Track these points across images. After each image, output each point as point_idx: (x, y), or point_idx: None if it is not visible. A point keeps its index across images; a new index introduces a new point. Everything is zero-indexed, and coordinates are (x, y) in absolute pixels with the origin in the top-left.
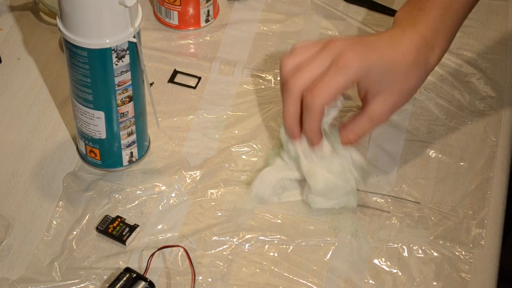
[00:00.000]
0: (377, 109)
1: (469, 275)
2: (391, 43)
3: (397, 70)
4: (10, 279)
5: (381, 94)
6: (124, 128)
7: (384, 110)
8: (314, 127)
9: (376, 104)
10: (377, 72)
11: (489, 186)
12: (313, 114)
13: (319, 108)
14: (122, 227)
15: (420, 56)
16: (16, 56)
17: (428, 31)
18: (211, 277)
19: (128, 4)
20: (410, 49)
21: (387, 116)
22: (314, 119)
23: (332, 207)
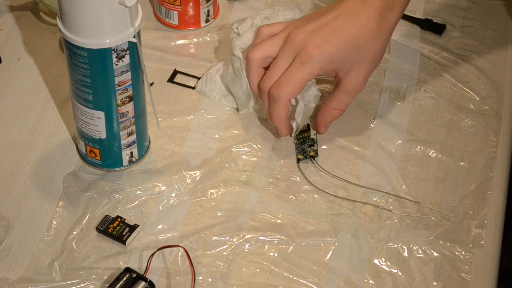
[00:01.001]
0: (352, 83)
1: (469, 275)
2: (350, 16)
3: (361, 43)
4: (10, 279)
5: (352, 69)
6: (124, 128)
7: (358, 81)
8: (281, 118)
9: (349, 79)
10: (340, 54)
11: (489, 186)
12: (279, 107)
13: (284, 101)
14: (122, 227)
15: (381, 20)
16: (16, 56)
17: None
18: (211, 277)
19: (128, 4)
20: (371, 16)
21: (363, 85)
22: (281, 111)
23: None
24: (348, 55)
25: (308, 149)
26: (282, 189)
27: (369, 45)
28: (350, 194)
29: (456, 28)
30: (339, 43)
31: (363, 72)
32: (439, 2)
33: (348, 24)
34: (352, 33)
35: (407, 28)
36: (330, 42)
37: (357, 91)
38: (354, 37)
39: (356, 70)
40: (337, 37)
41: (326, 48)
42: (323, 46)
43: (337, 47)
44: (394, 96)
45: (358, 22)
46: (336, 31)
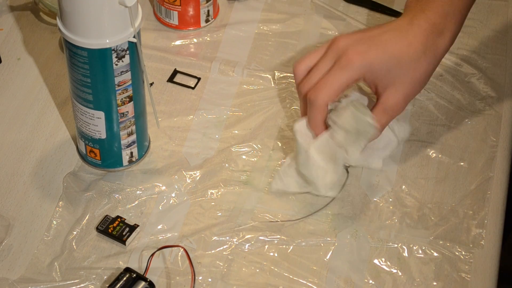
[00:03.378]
0: (390, 101)
1: (469, 275)
2: (397, 34)
3: (404, 61)
4: (10, 279)
5: (391, 86)
6: (124, 128)
7: (397, 100)
8: (317, 122)
9: (388, 95)
10: (381, 66)
11: (489, 186)
12: (316, 110)
13: (321, 105)
14: (122, 227)
15: (428, 43)
16: (16, 56)
17: (437, 16)
18: (211, 277)
19: (128, 4)
20: (418, 37)
21: (401, 106)
22: (317, 115)
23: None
24: (389, 69)
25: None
26: None
27: (413, 66)
28: (350, 194)
29: None
30: (381, 55)
31: (401, 91)
32: None
33: (393, 40)
34: (396, 49)
35: None
36: (372, 51)
37: (395, 110)
38: (397, 54)
39: (395, 87)
40: (380, 49)
41: (367, 56)
42: (365, 54)
43: (379, 58)
44: None
45: (404, 40)
46: (381, 44)
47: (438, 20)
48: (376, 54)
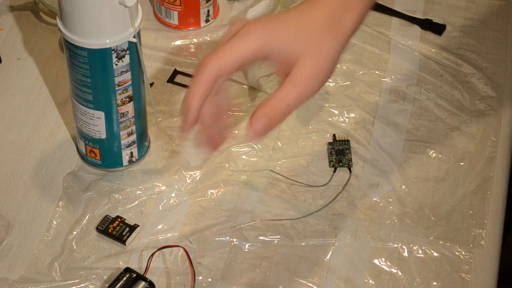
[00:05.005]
0: (299, 74)
1: (469, 275)
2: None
3: (309, 31)
4: (10, 279)
5: (299, 59)
6: (124, 128)
7: (306, 74)
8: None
9: (297, 70)
10: (285, 36)
11: (489, 186)
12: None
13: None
14: (122, 227)
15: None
16: (16, 56)
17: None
18: (211, 277)
19: (128, 4)
20: (323, 10)
21: (311, 81)
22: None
23: None
24: (294, 40)
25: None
26: (282, 189)
27: (319, 37)
28: (350, 194)
29: (456, 28)
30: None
31: (311, 64)
32: (439, 2)
33: (298, 13)
34: (301, 21)
35: (407, 28)
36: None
37: (306, 86)
38: (301, 24)
39: (303, 60)
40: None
41: (270, 25)
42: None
43: (282, 28)
44: (394, 96)
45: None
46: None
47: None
48: (278, 25)
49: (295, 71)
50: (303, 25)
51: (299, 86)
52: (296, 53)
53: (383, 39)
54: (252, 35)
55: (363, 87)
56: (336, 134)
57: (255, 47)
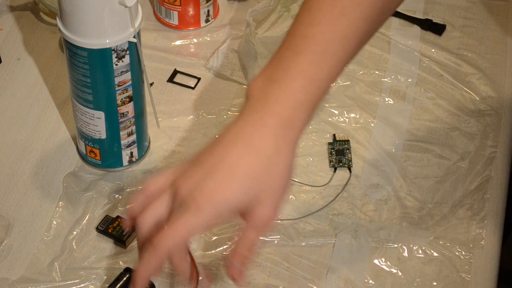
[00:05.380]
0: (259, 217)
1: (469, 275)
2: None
3: (259, 174)
4: (10, 279)
5: (257, 204)
6: (124, 128)
7: (268, 214)
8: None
9: (256, 213)
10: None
11: (489, 186)
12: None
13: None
14: (122, 227)
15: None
16: (16, 56)
17: (287, 109)
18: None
19: (128, 4)
20: (264, 139)
21: (273, 218)
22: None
23: None
24: (247, 193)
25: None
26: None
27: (270, 173)
28: (350, 194)
29: (456, 28)
30: (231, 183)
31: (270, 203)
32: (439, 2)
33: (238, 156)
34: (245, 167)
35: (407, 28)
36: (220, 186)
37: (267, 225)
38: (248, 171)
39: (261, 203)
40: (227, 177)
41: (218, 195)
42: (213, 193)
43: (231, 191)
44: (394, 96)
45: (250, 150)
46: (226, 170)
47: (287, 113)
48: (225, 186)
49: (254, 216)
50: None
51: (262, 228)
52: (251, 204)
53: (383, 39)
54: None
55: (363, 87)
56: (336, 134)
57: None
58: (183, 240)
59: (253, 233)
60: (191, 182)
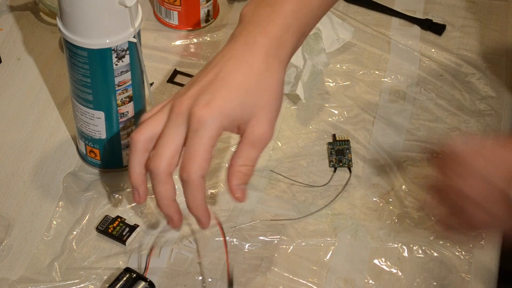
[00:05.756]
0: (255, 132)
1: (469, 275)
2: (234, 63)
3: (252, 88)
4: (10, 279)
5: (252, 117)
6: (124, 128)
7: (263, 129)
8: (198, 203)
9: (252, 128)
10: (234, 106)
11: None
12: (194, 188)
13: (197, 181)
14: (122, 227)
15: (270, 59)
16: (16, 56)
17: (278, 30)
18: (211, 277)
19: (128, 4)
20: (257, 57)
21: (269, 133)
22: (197, 193)
23: None
24: (241, 104)
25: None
26: (282, 189)
27: (261, 88)
28: (350, 194)
29: (456, 28)
30: (227, 94)
31: (264, 118)
32: (439, 2)
33: (232, 71)
34: (239, 80)
35: (407, 28)
36: (217, 97)
37: (262, 140)
38: (242, 83)
39: (256, 117)
40: (224, 89)
41: (215, 104)
42: (211, 104)
43: (227, 100)
44: (394, 96)
45: (244, 66)
46: (222, 83)
47: (278, 33)
48: (222, 97)
49: (249, 131)
50: (243, 84)
51: (258, 143)
52: (247, 116)
53: (383, 39)
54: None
55: (363, 87)
56: (336, 134)
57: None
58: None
59: (250, 148)
60: (188, 98)
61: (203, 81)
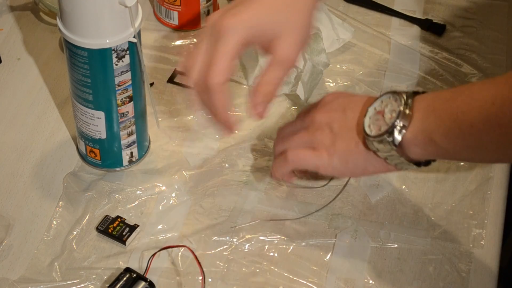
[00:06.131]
0: (281, 51)
1: (469, 275)
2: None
3: (282, 6)
4: (10, 279)
5: (280, 36)
6: (124, 128)
7: (288, 49)
8: (220, 110)
9: (279, 47)
10: (261, 19)
11: (489, 186)
12: (215, 94)
13: (217, 86)
14: (122, 227)
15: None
16: (16, 56)
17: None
18: (211, 277)
19: (128, 4)
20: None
21: (296, 53)
22: (218, 100)
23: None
24: (270, 20)
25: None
26: (282, 189)
27: (294, 9)
28: (350, 194)
29: (456, 28)
30: (257, 8)
31: (291, 39)
32: (439, 2)
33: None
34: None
35: (407, 28)
36: (245, 10)
37: (289, 60)
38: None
39: (284, 36)
40: (255, 5)
41: (241, 16)
42: (237, 15)
43: (254, 12)
44: None
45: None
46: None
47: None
48: (250, 10)
49: (277, 49)
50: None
51: (284, 62)
52: (274, 33)
53: (383, 39)
54: (230, 32)
55: (363, 87)
56: None
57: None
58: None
59: (276, 68)
60: (220, 12)
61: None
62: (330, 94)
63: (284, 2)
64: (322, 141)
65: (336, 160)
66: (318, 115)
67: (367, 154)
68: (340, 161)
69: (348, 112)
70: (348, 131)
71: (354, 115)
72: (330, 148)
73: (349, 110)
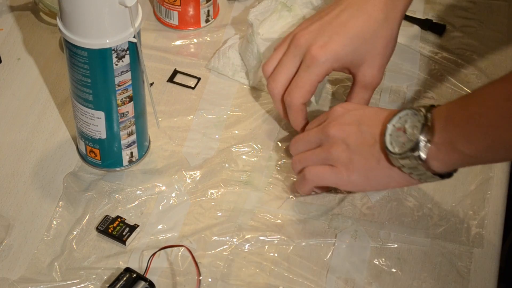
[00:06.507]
0: (367, 76)
1: (469, 275)
2: (355, 10)
3: (368, 36)
4: (10, 279)
5: (363, 63)
6: (124, 128)
7: (373, 73)
8: (298, 123)
9: (363, 73)
10: (347, 51)
11: (489, 186)
12: (294, 112)
13: (297, 106)
14: (122, 227)
15: (388, 8)
16: (16, 56)
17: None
18: (211, 277)
19: (128, 4)
20: (376, 6)
21: (379, 77)
22: (297, 116)
23: None
24: (355, 50)
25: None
26: (282, 189)
27: (377, 36)
28: (350, 194)
29: (456, 28)
30: (343, 40)
31: (376, 64)
32: (439, 2)
33: (353, 18)
34: (358, 27)
35: (407, 28)
36: (334, 41)
37: (374, 84)
38: (359, 31)
39: (368, 63)
40: (342, 34)
41: (330, 47)
42: (327, 46)
43: (342, 44)
44: (394, 96)
45: (364, 14)
46: (341, 28)
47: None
48: (338, 42)
49: (362, 74)
50: (360, 32)
51: (369, 86)
52: (359, 60)
53: None
54: (319, 63)
55: None
56: None
57: (324, 73)
58: (309, 92)
59: (363, 91)
60: (308, 33)
61: (324, 20)
62: (339, 105)
63: (371, 29)
64: (339, 157)
65: (355, 176)
66: (332, 130)
67: (391, 171)
68: (360, 178)
69: (363, 127)
70: (367, 147)
71: (370, 130)
72: (349, 164)
73: (364, 125)
